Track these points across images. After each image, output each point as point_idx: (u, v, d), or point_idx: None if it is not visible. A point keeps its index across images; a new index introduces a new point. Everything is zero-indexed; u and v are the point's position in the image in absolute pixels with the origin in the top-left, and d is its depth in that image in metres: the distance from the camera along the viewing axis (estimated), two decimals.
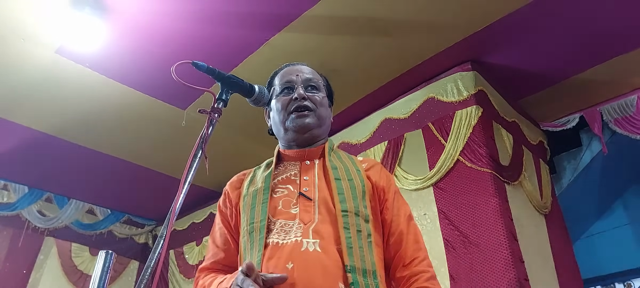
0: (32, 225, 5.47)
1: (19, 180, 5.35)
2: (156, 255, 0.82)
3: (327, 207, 1.11)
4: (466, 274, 3.08)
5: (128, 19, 3.32)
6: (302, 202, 1.12)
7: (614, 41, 3.61)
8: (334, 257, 1.03)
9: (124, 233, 6.19)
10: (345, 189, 1.14)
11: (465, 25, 3.46)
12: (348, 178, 1.17)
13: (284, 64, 1.35)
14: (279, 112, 1.24)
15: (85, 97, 4.05)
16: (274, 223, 1.09)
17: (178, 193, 0.87)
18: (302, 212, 1.10)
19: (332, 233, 1.07)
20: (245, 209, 1.16)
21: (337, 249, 1.05)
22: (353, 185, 1.16)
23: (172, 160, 4.84)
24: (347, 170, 1.20)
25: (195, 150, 0.94)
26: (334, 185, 1.14)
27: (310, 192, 1.14)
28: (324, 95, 1.30)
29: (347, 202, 1.11)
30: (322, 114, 1.26)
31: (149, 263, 0.80)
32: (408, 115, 3.95)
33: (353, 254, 1.04)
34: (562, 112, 4.45)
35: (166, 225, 0.84)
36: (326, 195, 1.14)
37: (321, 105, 1.26)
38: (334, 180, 1.15)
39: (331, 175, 1.16)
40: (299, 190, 1.15)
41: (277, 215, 1.11)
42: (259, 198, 1.14)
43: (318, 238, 1.05)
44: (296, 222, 1.08)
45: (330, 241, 1.06)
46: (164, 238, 0.83)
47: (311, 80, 1.28)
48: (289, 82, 1.26)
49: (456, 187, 3.41)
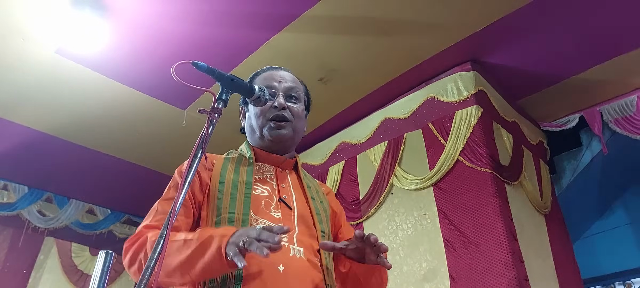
0: (32, 225, 5.47)
1: (19, 180, 5.35)
2: (156, 255, 0.82)
3: (305, 222, 1.17)
4: (466, 274, 3.08)
5: (128, 19, 3.32)
6: (283, 208, 1.16)
7: (614, 41, 3.62)
8: (318, 269, 1.11)
9: (124, 233, 6.19)
10: (321, 211, 1.23)
11: (465, 25, 3.46)
12: (320, 200, 1.27)
13: (267, 67, 1.35)
14: (257, 117, 1.25)
15: (85, 97, 4.05)
16: (257, 220, 1.10)
17: (178, 193, 0.87)
18: (284, 218, 1.14)
19: (310, 247, 1.13)
20: (223, 196, 1.13)
21: (318, 263, 1.12)
22: (324, 208, 1.26)
23: (172, 160, 4.81)
24: (317, 191, 1.29)
25: (195, 150, 0.94)
26: (312, 205, 1.21)
27: (288, 201, 1.18)
28: (303, 107, 1.31)
29: (323, 224, 1.21)
30: (297, 127, 1.27)
31: (149, 263, 0.80)
32: (408, 115, 3.95)
33: (330, 275, 1.14)
34: (562, 112, 4.45)
35: (166, 225, 0.84)
36: (305, 210, 1.19)
37: (298, 117, 1.27)
38: (311, 199, 1.23)
39: (308, 194, 1.24)
40: (277, 195, 1.18)
41: (260, 214, 1.12)
42: (241, 190, 1.14)
43: (302, 248, 1.10)
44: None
45: (311, 254, 1.11)
46: (164, 238, 0.83)
47: (293, 89, 1.28)
48: (270, 87, 1.25)
49: (456, 187, 3.41)
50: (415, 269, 3.37)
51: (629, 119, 4.09)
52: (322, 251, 1.14)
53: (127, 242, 1.07)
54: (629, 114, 4.10)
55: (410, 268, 3.41)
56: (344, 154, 4.35)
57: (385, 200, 3.80)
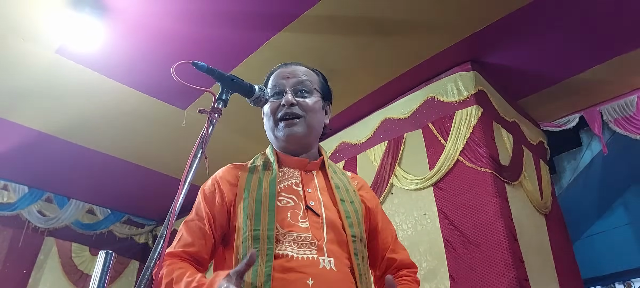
0: (32, 225, 5.48)
1: (19, 180, 5.36)
2: (156, 255, 0.82)
3: (335, 228, 1.11)
4: (466, 274, 3.08)
5: (128, 19, 3.32)
6: (310, 216, 1.11)
7: (614, 41, 3.62)
8: (348, 279, 1.06)
9: (124, 233, 6.20)
10: (351, 213, 1.16)
11: (465, 25, 3.46)
12: (350, 200, 1.20)
13: (279, 65, 1.31)
14: (268, 117, 1.23)
15: (85, 97, 4.05)
16: (284, 234, 1.06)
17: (178, 193, 0.87)
18: (313, 227, 1.09)
19: (341, 254, 1.09)
20: (248, 212, 1.09)
21: (349, 271, 1.08)
22: (355, 209, 1.18)
23: (172, 160, 4.84)
24: (346, 190, 1.22)
25: (195, 150, 0.94)
26: (341, 208, 1.15)
27: (316, 207, 1.13)
28: (317, 98, 1.25)
29: (354, 227, 1.13)
30: (311, 121, 1.22)
31: (149, 263, 0.81)
32: (408, 115, 3.95)
33: (363, 282, 1.09)
34: (562, 112, 4.45)
35: (166, 225, 0.84)
36: (333, 215, 1.14)
37: (311, 110, 1.22)
38: (340, 201, 1.17)
39: (337, 196, 1.17)
40: (304, 202, 1.13)
41: (287, 227, 1.07)
42: (265, 204, 1.10)
43: (332, 257, 1.06)
44: (309, 237, 1.07)
45: (342, 262, 1.07)
46: (164, 238, 0.83)
47: (302, 82, 1.24)
48: (279, 85, 1.23)
49: (456, 187, 3.41)
50: None
51: (629, 118, 4.09)
52: (354, 257, 1.09)
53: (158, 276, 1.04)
54: (629, 114, 4.10)
55: None
56: (344, 154, 4.35)
57: (385, 200, 3.81)
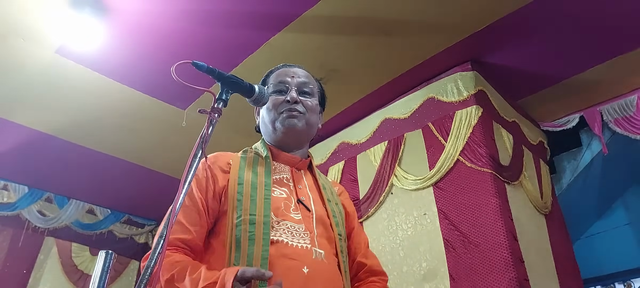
0: (32, 225, 5.47)
1: (19, 180, 5.36)
2: (156, 255, 0.82)
3: (323, 224, 1.17)
4: (466, 274, 3.08)
5: (128, 19, 3.32)
6: (301, 210, 1.16)
7: (614, 41, 3.62)
8: (338, 273, 1.13)
9: (124, 233, 6.20)
10: (337, 213, 1.23)
11: (465, 25, 3.46)
12: (335, 202, 1.27)
13: (281, 64, 1.36)
14: (269, 111, 1.26)
15: (85, 97, 4.05)
16: (278, 222, 1.10)
17: (178, 193, 0.87)
18: (304, 219, 1.14)
19: (330, 250, 1.15)
20: (242, 197, 1.11)
21: (337, 266, 1.14)
22: (340, 210, 1.26)
23: (172, 160, 4.84)
24: (331, 192, 1.29)
25: (195, 150, 0.94)
26: (329, 207, 1.22)
27: (307, 202, 1.19)
28: (317, 102, 1.31)
29: (339, 227, 1.21)
30: (310, 120, 1.26)
31: (149, 263, 0.81)
32: (408, 115, 3.95)
33: (347, 279, 1.16)
34: (562, 112, 4.45)
35: (166, 225, 0.84)
36: (322, 212, 1.20)
37: (312, 110, 1.27)
38: (327, 201, 1.23)
39: (324, 195, 1.24)
40: (295, 196, 1.18)
41: (281, 216, 1.11)
42: (261, 191, 1.13)
43: (323, 250, 1.12)
44: (302, 228, 1.12)
45: (330, 256, 1.13)
46: (164, 238, 0.83)
47: (305, 84, 1.29)
48: (283, 82, 1.27)
49: (456, 187, 3.41)
50: (415, 269, 3.37)
51: (629, 119, 4.09)
52: (340, 254, 1.15)
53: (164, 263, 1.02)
54: (629, 114, 4.10)
55: (410, 268, 3.41)
56: (343, 154, 4.35)
57: (385, 200, 3.81)
